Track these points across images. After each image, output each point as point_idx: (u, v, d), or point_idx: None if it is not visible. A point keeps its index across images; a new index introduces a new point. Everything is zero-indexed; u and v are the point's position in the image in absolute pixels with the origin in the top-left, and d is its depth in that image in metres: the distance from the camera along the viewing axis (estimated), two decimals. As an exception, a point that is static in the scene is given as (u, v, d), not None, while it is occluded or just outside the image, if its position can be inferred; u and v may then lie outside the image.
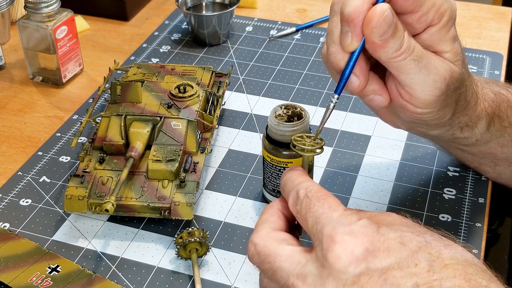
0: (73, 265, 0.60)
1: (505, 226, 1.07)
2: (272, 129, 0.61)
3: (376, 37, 0.48)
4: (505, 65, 0.91)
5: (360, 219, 0.44)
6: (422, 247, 0.43)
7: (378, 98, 0.53)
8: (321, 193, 0.47)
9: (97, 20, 1.02)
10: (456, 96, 0.55)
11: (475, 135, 0.61)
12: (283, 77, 0.88)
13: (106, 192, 0.62)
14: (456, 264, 0.42)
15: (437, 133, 0.60)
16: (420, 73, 0.50)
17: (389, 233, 0.43)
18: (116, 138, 0.66)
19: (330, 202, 0.46)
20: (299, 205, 0.47)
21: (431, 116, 0.54)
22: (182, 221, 0.65)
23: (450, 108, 0.55)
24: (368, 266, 0.42)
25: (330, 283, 0.42)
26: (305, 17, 1.03)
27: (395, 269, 0.42)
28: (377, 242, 0.43)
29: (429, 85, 0.51)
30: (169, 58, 0.93)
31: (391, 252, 0.42)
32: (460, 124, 0.59)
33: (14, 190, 0.69)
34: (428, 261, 0.42)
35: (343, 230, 0.43)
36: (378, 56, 0.50)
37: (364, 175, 0.71)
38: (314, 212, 0.45)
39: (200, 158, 0.66)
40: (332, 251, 0.42)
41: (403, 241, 0.43)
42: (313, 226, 0.45)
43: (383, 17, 0.47)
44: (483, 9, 1.05)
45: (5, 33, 0.96)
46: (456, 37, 0.53)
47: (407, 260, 0.42)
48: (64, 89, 0.87)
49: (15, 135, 0.79)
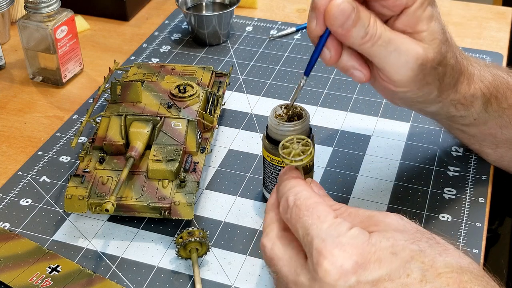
0: (73, 265, 0.60)
1: (505, 226, 1.07)
2: (272, 129, 0.61)
3: (336, 27, 0.51)
4: (505, 65, 0.91)
5: (350, 228, 0.44)
6: (415, 256, 0.42)
7: (358, 73, 0.55)
8: (311, 201, 0.47)
9: (97, 20, 1.02)
10: (438, 74, 0.56)
11: (472, 114, 0.62)
12: (283, 77, 0.88)
13: (106, 192, 0.62)
14: (450, 273, 0.42)
15: (434, 110, 0.61)
16: (390, 56, 0.52)
17: (381, 242, 0.43)
18: (116, 138, 0.66)
19: (319, 211, 0.46)
20: (289, 214, 0.47)
21: (413, 94, 0.56)
22: (182, 221, 0.65)
23: (434, 86, 0.56)
24: (359, 279, 0.42)
25: None
26: (305, 17, 1.03)
27: (386, 281, 0.42)
28: (367, 253, 0.43)
29: (401, 66, 0.53)
30: (169, 58, 0.93)
31: (382, 263, 0.42)
32: (453, 101, 0.60)
33: (14, 190, 0.69)
34: (421, 270, 0.42)
35: (332, 242, 0.43)
36: (347, 44, 0.53)
37: (364, 175, 0.71)
38: (303, 222, 0.46)
39: (200, 158, 0.66)
40: (321, 265, 0.43)
41: (395, 251, 0.43)
42: (303, 237, 0.45)
43: (339, 9, 0.50)
44: (483, 9, 1.05)
45: (5, 33, 0.96)
46: (434, 17, 0.54)
47: (398, 270, 0.42)
48: (64, 89, 0.87)
49: (15, 135, 0.79)
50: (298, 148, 0.52)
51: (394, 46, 0.52)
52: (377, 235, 0.44)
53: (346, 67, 0.55)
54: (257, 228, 0.64)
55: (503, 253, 1.03)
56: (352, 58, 0.54)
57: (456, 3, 1.07)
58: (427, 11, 0.53)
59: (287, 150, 0.52)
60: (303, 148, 0.52)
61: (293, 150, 0.52)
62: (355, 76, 0.55)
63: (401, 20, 0.53)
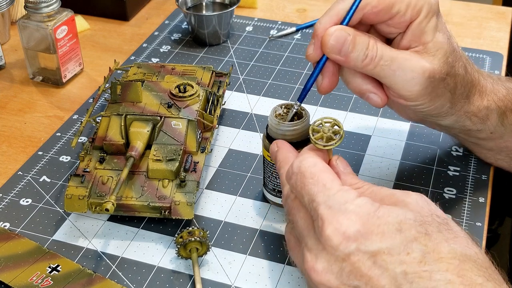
0: (73, 265, 0.60)
1: (505, 226, 1.07)
2: (272, 129, 0.61)
3: (333, 54, 0.53)
4: (505, 65, 0.91)
5: (358, 197, 0.45)
6: (420, 237, 0.43)
7: (374, 96, 0.56)
8: (315, 169, 0.49)
9: (97, 20, 1.02)
10: (448, 85, 0.56)
11: (489, 128, 0.63)
12: (283, 77, 0.88)
13: (106, 192, 0.62)
14: (452, 259, 0.42)
15: (448, 123, 0.61)
16: (395, 74, 0.53)
17: (388, 217, 0.44)
18: (116, 138, 0.66)
19: (324, 179, 0.47)
20: (293, 180, 0.49)
21: (426, 107, 0.57)
22: (182, 221, 0.65)
23: (445, 98, 0.57)
24: (359, 247, 0.44)
25: (323, 255, 0.45)
26: (305, 17, 1.03)
27: (385, 254, 0.43)
28: (372, 225, 0.44)
29: (408, 82, 0.54)
30: (169, 58, 0.93)
31: (384, 237, 0.43)
32: (467, 114, 0.60)
33: (14, 189, 0.69)
34: (422, 252, 0.42)
35: (338, 209, 0.45)
36: (349, 68, 0.55)
37: (364, 174, 0.71)
38: (309, 190, 0.47)
39: (200, 158, 0.66)
40: (324, 230, 0.45)
41: (400, 228, 0.44)
42: (309, 203, 0.47)
43: (333, 37, 0.52)
44: (483, 9, 1.05)
45: (5, 33, 0.96)
46: (438, 28, 0.55)
47: (399, 247, 0.43)
48: (64, 89, 0.87)
49: (15, 135, 0.79)
50: (329, 131, 0.53)
51: (397, 64, 0.53)
52: (387, 209, 0.45)
53: (362, 91, 0.56)
54: (257, 228, 0.64)
55: (503, 253, 1.03)
56: (366, 81, 0.56)
57: (456, 3, 1.07)
58: (432, 22, 0.54)
59: (318, 134, 0.53)
60: (333, 129, 0.53)
61: (324, 134, 0.53)
62: (372, 100, 0.57)
63: (407, 36, 0.54)
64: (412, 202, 0.46)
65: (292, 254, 0.51)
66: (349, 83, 0.57)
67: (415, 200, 0.46)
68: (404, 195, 0.47)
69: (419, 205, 0.46)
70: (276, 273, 0.59)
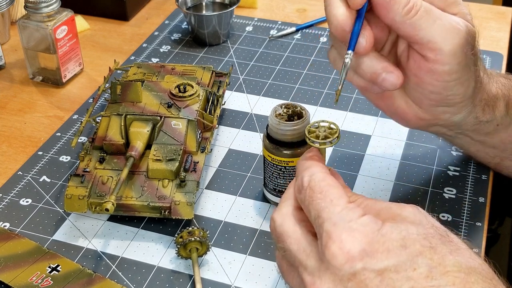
0: (73, 265, 0.60)
1: (505, 226, 1.07)
2: (272, 129, 0.61)
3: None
4: (505, 65, 0.91)
5: (363, 216, 0.44)
6: (425, 251, 0.42)
7: (390, 76, 0.53)
8: (324, 183, 0.47)
9: (97, 20, 1.02)
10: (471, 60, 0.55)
11: (496, 118, 0.62)
12: (283, 77, 0.88)
13: (106, 192, 0.62)
14: (457, 272, 0.42)
15: (461, 117, 0.59)
16: (435, 23, 0.52)
17: (392, 234, 0.43)
18: (116, 138, 0.66)
19: (332, 194, 0.46)
20: (302, 195, 0.48)
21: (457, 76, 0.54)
22: (182, 221, 0.65)
23: (471, 72, 0.55)
24: (364, 266, 0.42)
25: (327, 276, 0.43)
26: (305, 17, 1.03)
27: (391, 272, 0.42)
28: (376, 243, 0.43)
29: (449, 32, 0.52)
30: (169, 58, 0.93)
31: (390, 254, 0.42)
32: (481, 102, 0.59)
33: (14, 189, 0.69)
34: (428, 266, 0.42)
35: (342, 227, 0.44)
36: (392, 19, 0.52)
37: (364, 174, 0.71)
38: (316, 205, 0.46)
39: (200, 158, 0.66)
40: (329, 248, 0.43)
41: (405, 244, 0.43)
42: (315, 219, 0.46)
43: None
44: (483, 9, 1.05)
45: (5, 33, 0.96)
46: (459, 2, 0.54)
47: (405, 263, 0.42)
48: (64, 89, 0.87)
49: (15, 135, 0.79)
50: (325, 131, 0.53)
51: (436, 13, 0.52)
52: (390, 226, 0.44)
53: (376, 72, 0.53)
54: (257, 228, 0.64)
55: (503, 253, 1.03)
56: (382, 60, 0.53)
57: (456, 3, 1.07)
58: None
59: (313, 134, 0.53)
60: (329, 130, 0.53)
61: (320, 134, 0.53)
62: (387, 81, 0.53)
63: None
64: (410, 215, 0.45)
65: (287, 278, 0.49)
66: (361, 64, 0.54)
67: (412, 213, 0.45)
68: (401, 208, 0.46)
69: (417, 217, 0.45)
70: (276, 273, 0.59)
